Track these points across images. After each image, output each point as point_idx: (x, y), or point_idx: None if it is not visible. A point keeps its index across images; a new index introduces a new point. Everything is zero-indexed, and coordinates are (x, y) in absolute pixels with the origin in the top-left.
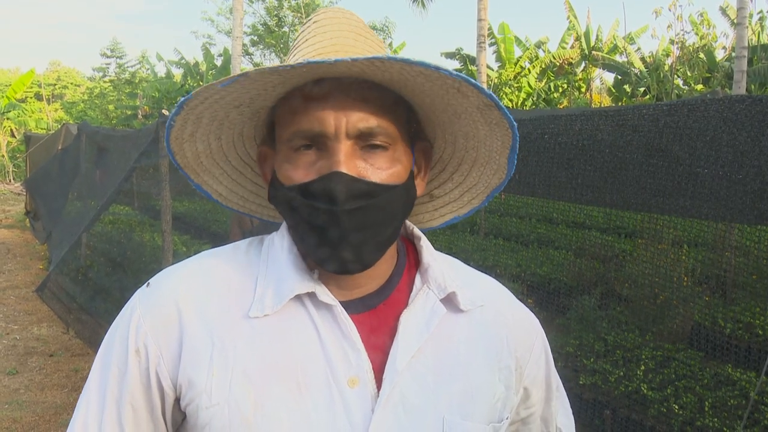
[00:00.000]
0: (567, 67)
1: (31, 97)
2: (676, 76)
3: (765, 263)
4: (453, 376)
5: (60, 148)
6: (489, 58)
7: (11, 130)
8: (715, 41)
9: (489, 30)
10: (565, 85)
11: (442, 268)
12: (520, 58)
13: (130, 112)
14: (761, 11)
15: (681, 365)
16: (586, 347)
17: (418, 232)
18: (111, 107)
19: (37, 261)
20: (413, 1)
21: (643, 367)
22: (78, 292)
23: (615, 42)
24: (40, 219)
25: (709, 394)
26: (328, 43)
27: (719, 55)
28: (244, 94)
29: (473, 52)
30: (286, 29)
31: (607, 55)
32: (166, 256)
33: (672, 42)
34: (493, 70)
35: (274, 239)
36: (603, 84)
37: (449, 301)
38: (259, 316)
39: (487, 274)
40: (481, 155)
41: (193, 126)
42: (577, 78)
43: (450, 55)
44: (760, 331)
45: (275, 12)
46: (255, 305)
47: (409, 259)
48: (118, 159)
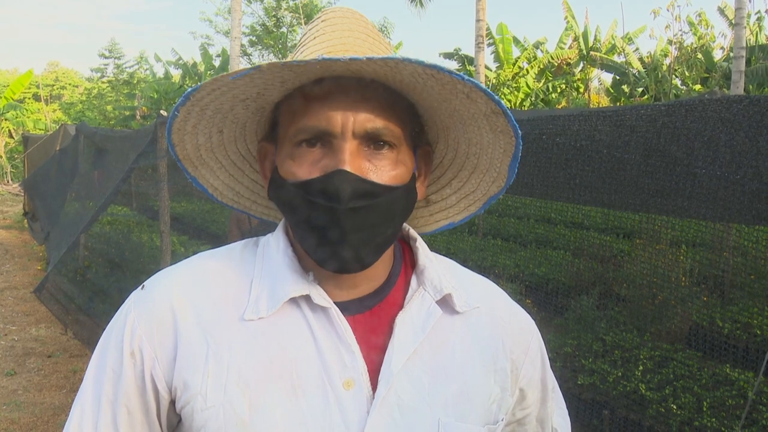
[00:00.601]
0: (565, 67)
1: (29, 98)
2: (674, 76)
3: (763, 263)
4: (448, 377)
5: (58, 148)
6: (487, 58)
7: (9, 131)
8: (713, 41)
9: (487, 30)
10: (564, 86)
11: (437, 270)
12: (519, 58)
13: (128, 113)
14: (759, 11)
15: (679, 365)
16: (585, 347)
17: (413, 233)
18: (109, 108)
19: (35, 262)
20: (411, 1)
21: (641, 367)
22: (76, 292)
23: (613, 42)
24: (38, 220)
25: (707, 394)
26: (338, 41)
27: (717, 55)
28: (252, 87)
29: (471, 53)
30: (284, 30)
31: (606, 56)
32: (165, 256)
33: (670, 42)
34: (491, 71)
35: (269, 240)
36: (601, 84)
37: (445, 302)
38: (254, 318)
39: (485, 274)
40: (482, 162)
41: (197, 117)
42: (576, 78)
43: (448, 56)
44: (758, 331)
45: (273, 13)
46: (250, 308)
47: (405, 260)
48: (117, 160)
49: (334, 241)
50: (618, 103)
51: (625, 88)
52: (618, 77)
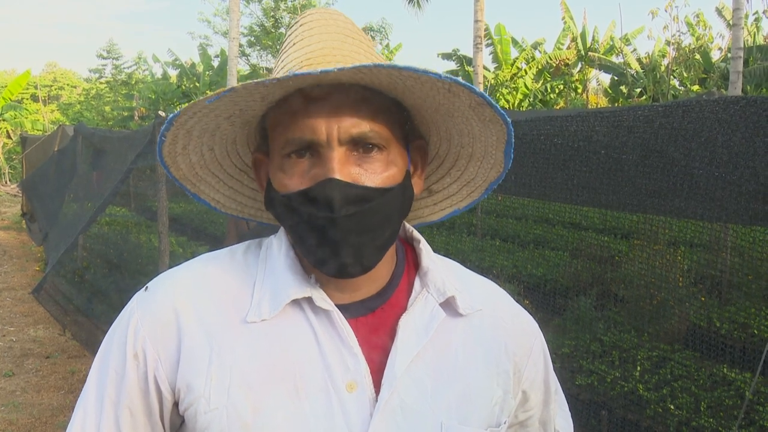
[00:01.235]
0: (563, 68)
1: (27, 99)
2: (672, 77)
3: (760, 264)
4: (451, 380)
5: (56, 149)
6: (486, 59)
7: (7, 132)
8: (711, 42)
9: (486, 31)
10: (562, 86)
11: (441, 272)
12: (517, 59)
13: (126, 114)
14: (757, 12)
15: (677, 366)
16: (583, 348)
17: (417, 234)
18: (107, 109)
19: (33, 263)
20: (409, 2)
21: (639, 368)
22: (74, 293)
23: (611, 43)
24: (36, 221)
25: (705, 395)
26: (317, 47)
27: (715, 56)
28: (233, 106)
29: (470, 53)
30: (282, 30)
31: (604, 56)
32: (163, 257)
33: (668, 43)
34: (489, 71)
35: (272, 242)
36: (599, 85)
37: (448, 305)
38: (256, 321)
39: (484, 275)
40: (477, 150)
41: (185, 139)
42: (574, 79)
43: (447, 56)
44: (756, 331)
45: (272, 13)
46: (252, 310)
47: (408, 261)
48: (115, 160)
49: (332, 248)
50: (616, 104)
51: (623, 88)
52: (616, 78)
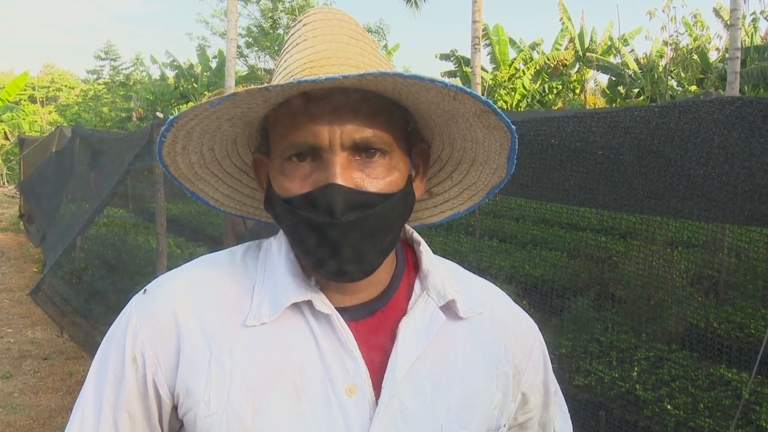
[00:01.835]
0: (561, 68)
1: (24, 100)
2: (670, 77)
3: (757, 264)
4: (451, 383)
5: (54, 150)
6: (483, 59)
7: (5, 133)
8: (709, 42)
9: (484, 31)
10: (560, 87)
11: (441, 275)
12: (515, 59)
13: (124, 115)
14: (754, 12)
15: (675, 366)
16: (581, 348)
17: (417, 236)
18: (105, 110)
19: (31, 264)
20: (407, 2)
21: (637, 368)
22: (72, 295)
23: (609, 43)
24: (34, 222)
25: (702, 395)
26: (320, 48)
27: (713, 56)
28: (235, 109)
29: (468, 54)
30: (280, 31)
31: (602, 57)
32: (161, 258)
33: (666, 43)
34: (487, 72)
35: (272, 244)
36: (597, 85)
37: (448, 308)
38: (256, 324)
39: (481, 275)
40: (480, 155)
41: (185, 140)
42: (572, 79)
43: (445, 57)
44: (753, 331)
45: (270, 14)
46: (252, 314)
47: (408, 263)
48: (113, 161)
49: (333, 253)
50: (614, 104)
51: (621, 89)
52: (614, 78)
